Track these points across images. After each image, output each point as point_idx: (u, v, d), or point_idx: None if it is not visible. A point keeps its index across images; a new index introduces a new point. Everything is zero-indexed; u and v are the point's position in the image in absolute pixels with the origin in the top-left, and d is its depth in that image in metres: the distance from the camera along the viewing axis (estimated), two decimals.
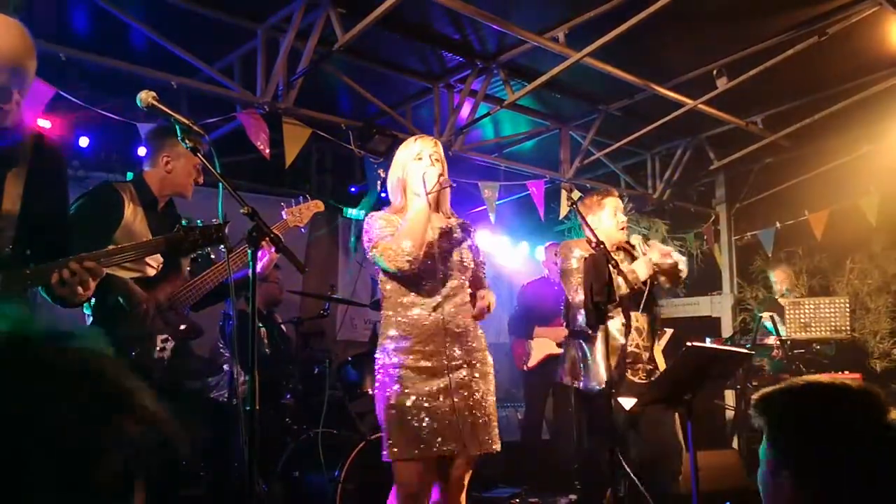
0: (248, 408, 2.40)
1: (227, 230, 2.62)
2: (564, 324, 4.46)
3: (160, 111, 2.52)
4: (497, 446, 3.09)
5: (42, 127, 4.65)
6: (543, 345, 6.36)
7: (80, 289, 2.31)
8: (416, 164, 3.11)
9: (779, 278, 6.87)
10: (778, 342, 6.03)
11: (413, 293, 3.06)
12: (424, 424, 2.92)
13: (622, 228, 4.21)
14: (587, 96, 6.56)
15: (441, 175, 3.10)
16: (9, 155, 2.36)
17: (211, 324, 4.85)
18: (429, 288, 3.07)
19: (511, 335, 6.70)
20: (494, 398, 3.18)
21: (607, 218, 4.19)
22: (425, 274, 3.05)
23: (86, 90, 4.81)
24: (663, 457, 3.97)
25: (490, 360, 3.19)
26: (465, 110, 6.12)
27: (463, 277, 3.18)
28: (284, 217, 3.71)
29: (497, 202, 6.83)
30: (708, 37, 5.45)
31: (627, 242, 4.25)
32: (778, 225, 7.58)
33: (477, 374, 3.08)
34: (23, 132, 2.42)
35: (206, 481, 4.59)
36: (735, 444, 6.35)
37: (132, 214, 3.21)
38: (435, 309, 3.03)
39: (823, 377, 1.60)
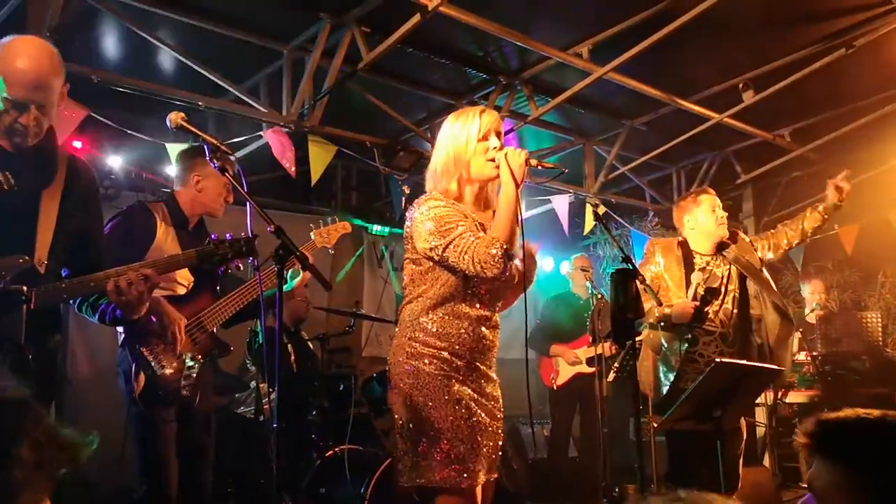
0: (274, 424, 2.41)
1: (256, 244, 2.66)
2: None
3: (189, 131, 2.55)
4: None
5: (74, 147, 4.74)
6: (572, 363, 6.33)
7: (135, 302, 2.37)
8: (482, 145, 2.63)
9: (816, 288, 6.75)
10: (809, 358, 5.94)
11: (470, 302, 2.61)
12: (484, 444, 2.57)
13: (721, 224, 4.00)
14: (611, 111, 6.55)
15: (528, 158, 2.57)
16: (44, 175, 2.41)
17: (239, 340, 4.89)
18: (490, 298, 2.68)
19: (535, 351, 6.64)
20: None
21: (703, 215, 4.01)
22: (490, 282, 2.60)
23: (116, 111, 4.89)
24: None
25: None
26: None
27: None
28: (312, 238, 3.73)
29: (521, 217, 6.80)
30: (733, 50, 5.43)
31: (731, 239, 4.08)
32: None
33: (498, 393, 2.76)
34: (57, 153, 2.48)
35: (233, 497, 4.61)
36: (766, 462, 6.25)
37: (164, 234, 3.25)
38: (489, 325, 2.67)
39: None
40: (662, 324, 3.98)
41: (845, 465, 1.32)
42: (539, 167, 2.67)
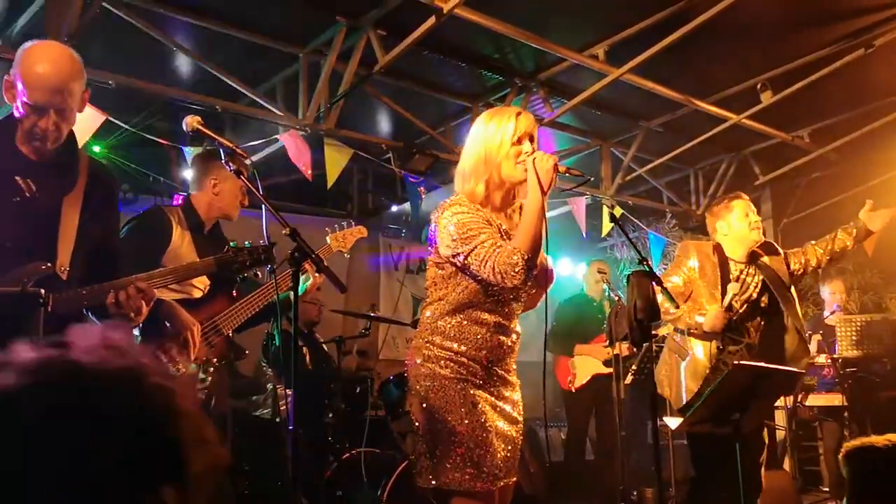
0: (290, 427, 2.41)
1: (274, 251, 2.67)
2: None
3: (205, 135, 2.56)
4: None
5: (94, 152, 4.79)
6: (589, 364, 6.28)
7: (132, 314, 2.38)
8: (515, 148, 2.57)
9: (837, 289, 6.68)
10: (829, 360, 5.88)
11: (491, 309, 2.59)
12: (501, 448, 2.55)
13: (755, 228, 3.93)
14: (628, 113, 6.52)
15: (557, 164, 2.52)
16: (65, 181, 2.44)
17: (255, 342, 4.90)
18: (511, 304, 2.65)
19: (555, 353, 6.59)
20: None
21: (737, 221, 3.94)
22: (512, 290, 2.58)
23: (134, 115, 4.93)
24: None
25: None
26: None
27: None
28: (328, 241, 3.73)
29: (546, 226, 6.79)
30: (751, 51, 5.39)
31: (766, 249, 4.01)
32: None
33: (518, 397, 2.74)
34: (77, 158, 2.51)
35: (250, 499, 4.62)
36: (787, 465, 6.19)
37: (180, 238, 3.26)
38: (508, 331, 2.64)
39: None
40: (692, 331, 3.92)
41: (858, 483, 1.36)
42: (567, 173, 2.62)
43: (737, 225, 3.96)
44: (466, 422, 2.50)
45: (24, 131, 2.33)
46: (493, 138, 2.59)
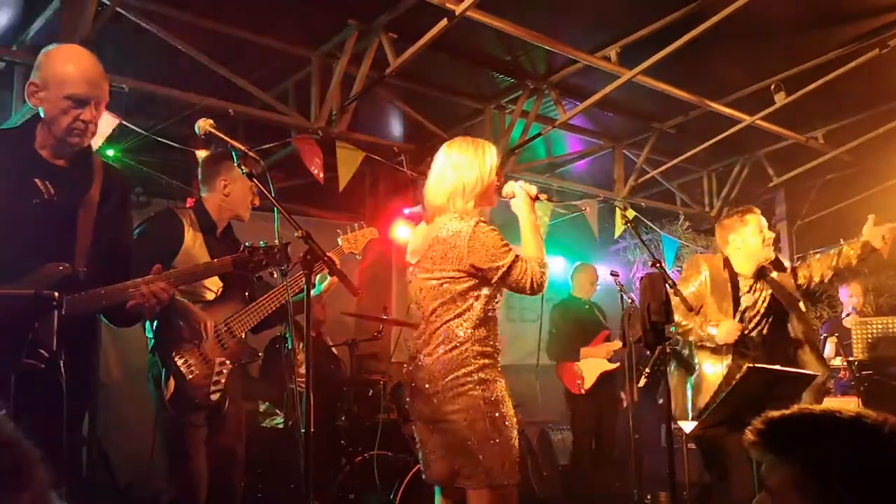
0: (303, 430, 2.41)
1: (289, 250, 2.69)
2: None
3: (217, 137, 2.57)
4: None
5: (107, 156, 4.81)
6: (595, 364, 6.24)
7: (157, 308, 2.48)
8: (494, 175, 2.92)
9: (855, 291, 6.63)
10: (845, 363, 5.83)
11: (496, 312, 2.85)
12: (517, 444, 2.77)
13: (768, 245, 3.91)
14: (640, 114, 6.50)
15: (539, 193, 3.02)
16: (82, 184, 2.46)
17: (261, 345, 4.90)
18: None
19: (556, 360, 6.48)
20: None
21: (751, 236, 3.91)
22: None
23: (147, 119, 4.95)
24: None
25: None
26: (517, 131, 6.11)
27: None
28: (340, 243, 3.73)
29: (550, 222, 6.79)
30: (764, 52, 5.36)
31: (774, 264, 4.00)
32: (842, 242, 7.32)
33: None
34: (93, 161, 2.54)
35: (263, 502, 4.63)
36: None
37: (191, 239, 3.27)
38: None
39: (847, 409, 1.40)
40: (702, 343, 3.90)
41: (796, 461, 1.34)
42: (549, 201, 3.14)
43: (751, 240, 3.93)
44: (513, 419, 2.72)
45: (61, 129, 2.36)
46: (486, 164, 2.89)
